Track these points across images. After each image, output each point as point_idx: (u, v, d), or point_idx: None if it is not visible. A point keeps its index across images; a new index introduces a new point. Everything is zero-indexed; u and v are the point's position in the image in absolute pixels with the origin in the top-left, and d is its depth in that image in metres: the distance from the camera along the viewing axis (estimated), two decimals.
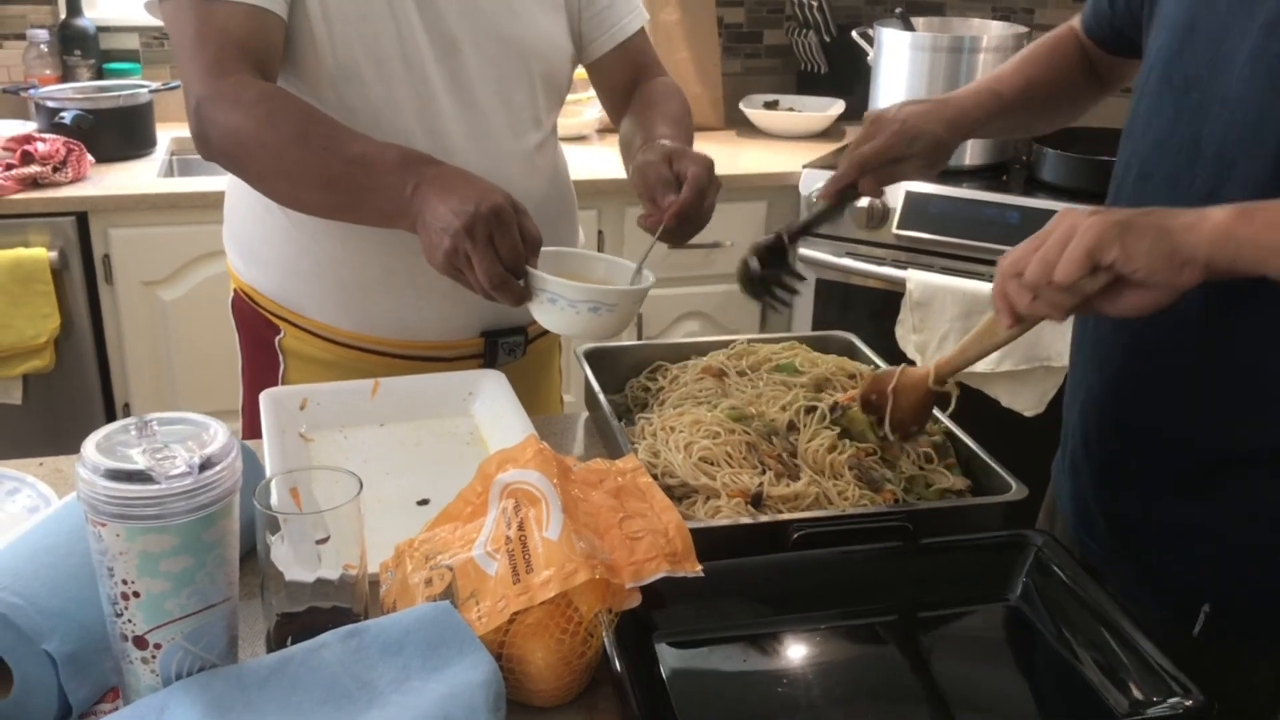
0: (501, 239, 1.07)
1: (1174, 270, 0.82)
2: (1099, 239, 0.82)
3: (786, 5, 3.05)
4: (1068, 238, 0.84)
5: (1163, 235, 0.82)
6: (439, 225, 1.07)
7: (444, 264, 1.08)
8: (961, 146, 2.42)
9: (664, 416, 1.14)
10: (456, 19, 1.29)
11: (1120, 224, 0.82)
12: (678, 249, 1.29)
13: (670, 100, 1.45)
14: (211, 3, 1.18)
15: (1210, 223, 0.82)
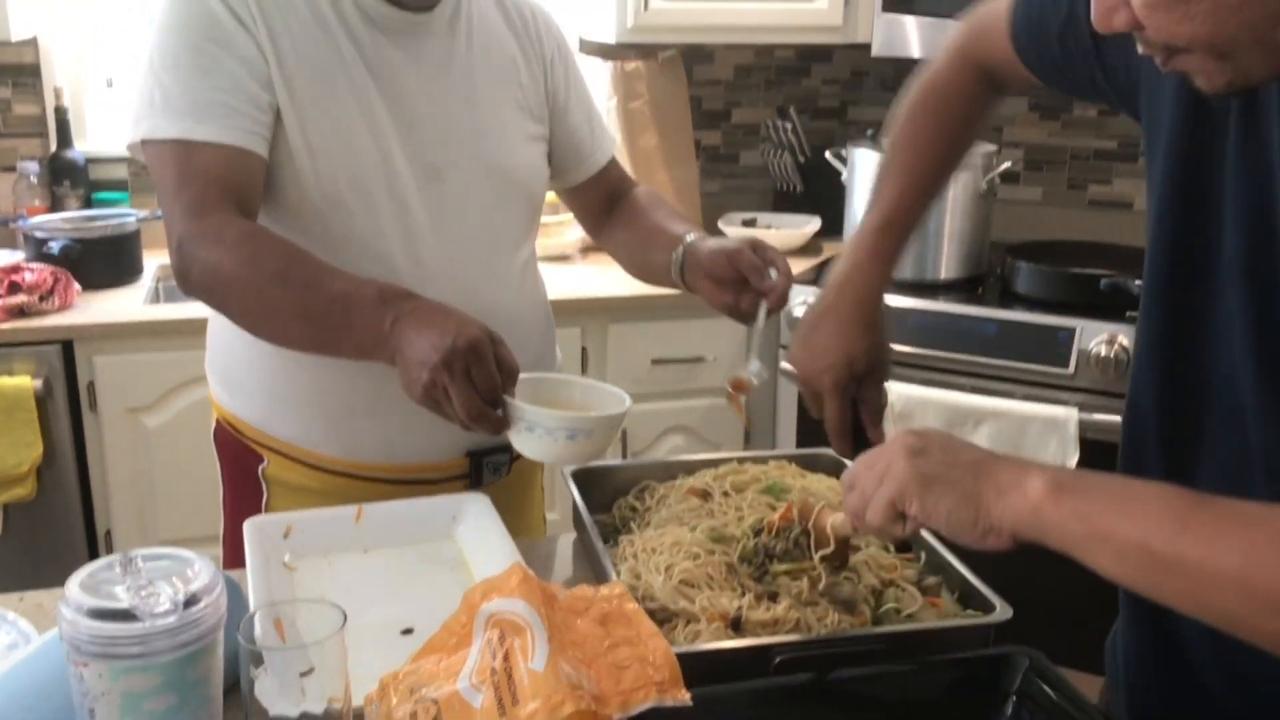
0: (478, 372, 1.08)
1: (977, 536, 0.81)
2: (901, 492, 0.84)
3: (762, 128, 3.14)
4: (881, 477, 0.86)
5: (967, 500, 0.81)
6: (417, 359, 1.08)
7: (422, 397, 1.10)
8: (936, 260, 2.52)
9: (645, 538, 1.14)
10: (437, 148, 1.33)
11: (926, 479, 0.83)
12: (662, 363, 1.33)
13: (665, 204, 1.54)
14: (193, 144, 1.21)
15: (1020, 493, 0.79)
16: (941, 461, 0.84)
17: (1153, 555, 0.73)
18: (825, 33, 2.75)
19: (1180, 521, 0.73)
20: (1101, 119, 2.89)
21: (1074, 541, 0.77)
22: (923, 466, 0.84)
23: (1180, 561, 0.72)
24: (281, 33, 1.26)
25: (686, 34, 2.74)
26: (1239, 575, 0.70)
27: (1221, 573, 0.71)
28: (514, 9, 1.44)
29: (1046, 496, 0.78)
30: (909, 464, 0.84)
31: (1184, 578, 0.73)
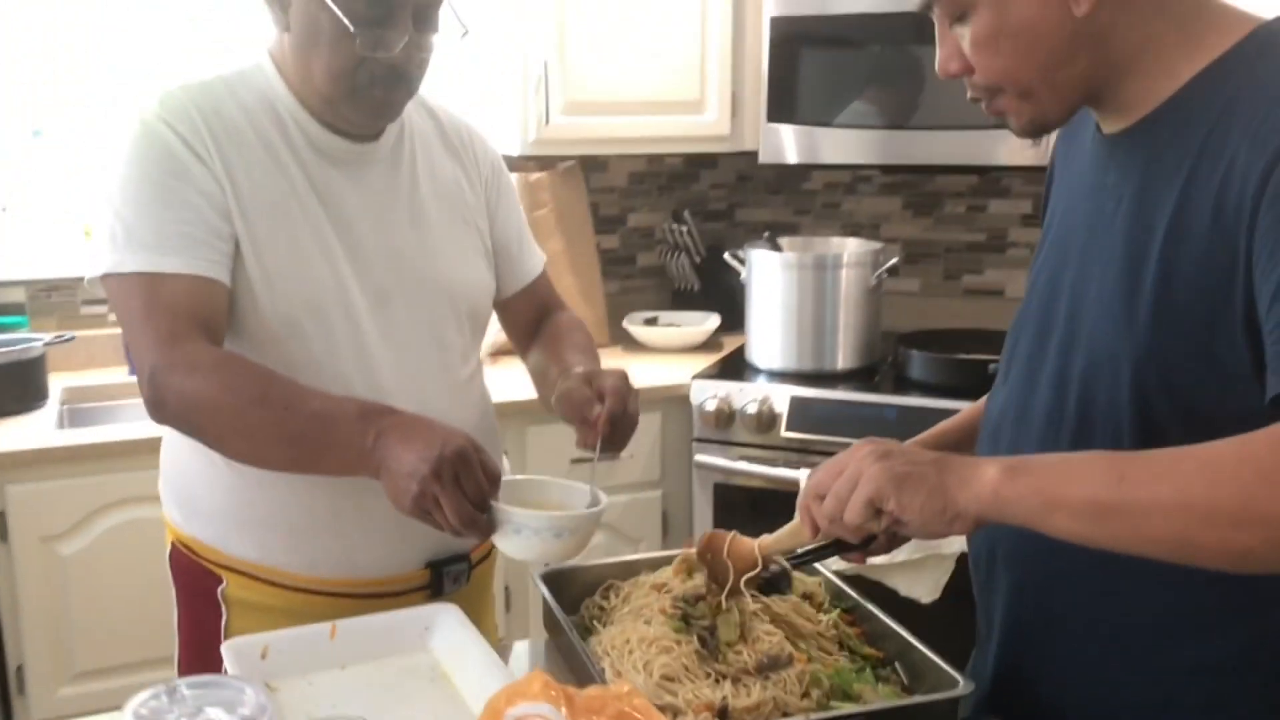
0: (467, 479, 1.14)
1: (945, 523, 0.92)
2: (878, 490, 0.93)
3: (658, 231, 3.28)
4: (855, 481, 0.95)
5: (936, 492, 0.92)
6: (405, 471, 1.13)
7: (413, 508, 1.14)
8: (833, 351, 2.67)
9: (611, 635, 1.20)
10: (386, 270, 1.39)
11: (898, 477, 0.93)
12: (612, 459, 1.38)
13: (575, 332, 1.58)
14: (157, 277, 1.25)
15: (980, 481, 0.90)
16: (907, 461, 0.94)
17: (1102, 506, 0.86)
18: (715, 142, 2.92)
19: (1118, 473, 0.86)
20: (970, 214, 3.11)
21: (1032, 512, 0.89)
22: (894, 467, 0.93)
23: (1126, 505, 0.85)
24: (237, 165, 1.31)
25: (586, 146, 2.87)
26: (1176, 502, 0.83)
27: (1161, 504, 0.84)
28: (452, 131, 1.52)
29: (1002, 479, 0.89)
30: (881, 466, 0.94)
31: (1132, 518, 0.85)
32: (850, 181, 3.24)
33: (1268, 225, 0.87)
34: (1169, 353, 0.96)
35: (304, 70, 1.32)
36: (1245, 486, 0.81)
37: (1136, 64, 1.00)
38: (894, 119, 2.69)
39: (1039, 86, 1.01)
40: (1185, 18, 0.98)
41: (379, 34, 1.26)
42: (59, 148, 2.81)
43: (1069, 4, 0.96)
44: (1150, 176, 1.00)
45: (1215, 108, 0.95)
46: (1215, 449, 0.85)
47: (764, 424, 2.53)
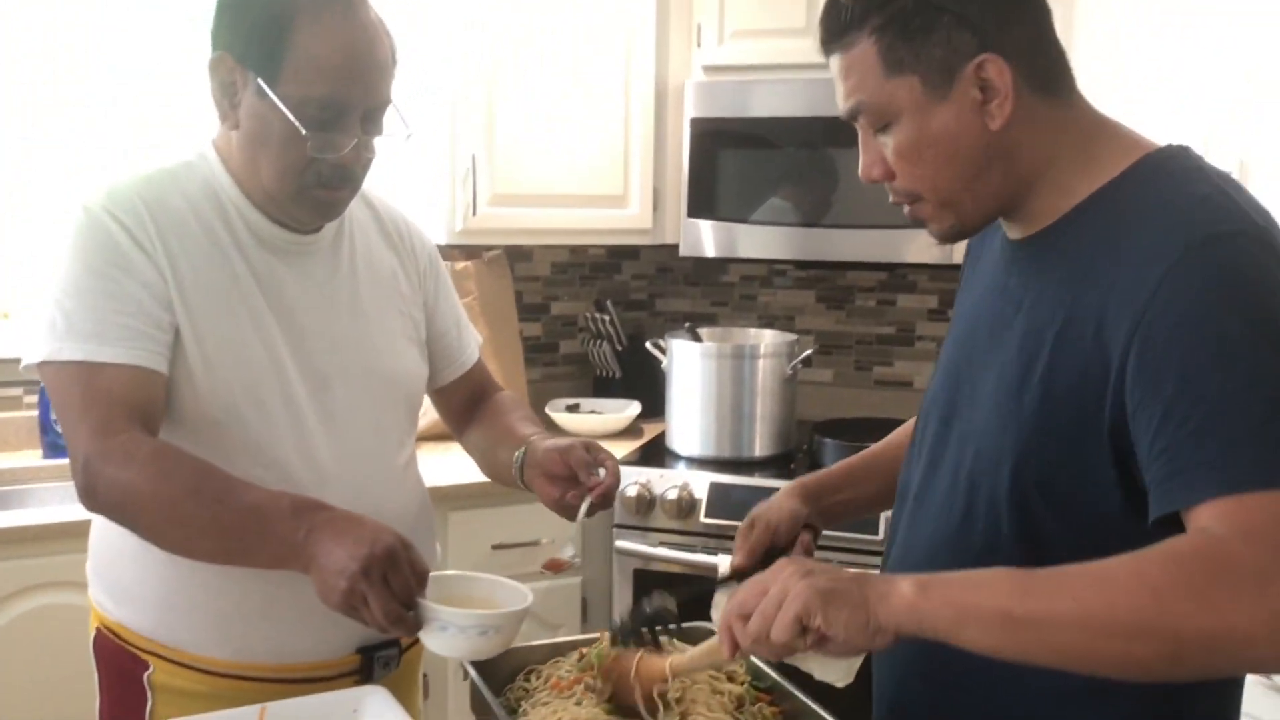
0: (395, 578, 1.16)
1: (868, 637, 0.95)
2: (805, 607, 0.95)
3: (581, 319, 3.36)
4: (781, 599, 0.97)
5: (859, 607, 0.94)
6: (335, 568, 1.15)
7: (341, 604, 1.16)
8: (750, 439, 2.74)
9: (543, 714, 1.23)
10: (325, 358, 1.43)
11: (824, 593, 0.95)
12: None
13: (521, 408, 1.65)
14: (95, 366, 1.27)
15: (897, 595, 0.94)
16: (830, 578, 0.97)
17: (1010, 619, 0.90)
18: (637, 235, 3.02)
19: (1023, 589, 0.91)
20: (880, 307, 3.25)
21: (947, 626, 0.93)
22: (819, 584, 0.96)
23: (1031, 619, 0.90)
24: (180, 255, 1.34)
25: (511, 236, 2.95)
26: (1075, 617, 0.88)
27: (1062, 618, 0.89)
28: (390, 224, 1.58)
29: (918, 594, 0.94)
30: (807, 583, 0.96)
31: (1036, 630, 0.90)
32: (766, 275, 3.37)
33: (1141, 366, 0.95)
34: (1046, 452, 1.04)
35: (251, 166, 1.36)
36: (1138, 603, 0.86)
37: (1041, 179, 1.08)
38: (808, 217, 2.82)
39: (959, 195, 1.09)
40: (1084, 140, 1.08)
41: (329, 137, 1.31)
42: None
43: (984, 120, 1.05)
44: (1044, 286, 1.08)
45: (1103, 230, 1.03)
46: (1111, 565, 0.90)
47: (683, 510, 2.59)
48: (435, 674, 2.56)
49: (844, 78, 1.09)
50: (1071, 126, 1.08)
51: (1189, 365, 0.92)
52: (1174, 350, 0.93)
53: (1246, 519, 0.87)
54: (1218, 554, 0.86)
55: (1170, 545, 0.89)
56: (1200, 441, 0.91)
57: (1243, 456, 0.89)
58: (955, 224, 1.12)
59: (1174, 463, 0.92)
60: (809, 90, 2.72)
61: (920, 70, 1.04)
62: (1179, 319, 0.94)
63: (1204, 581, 0.86)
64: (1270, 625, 0.83)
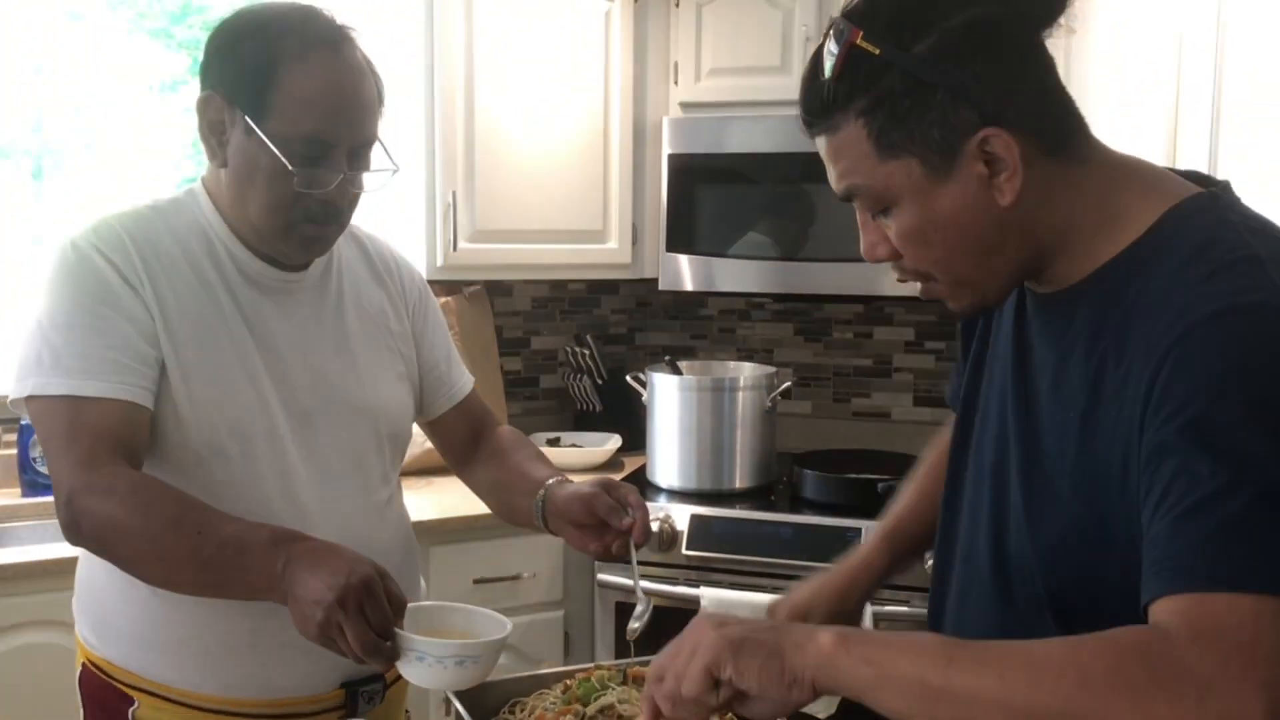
0: (371, 608, 1.16)
1: (783, 688, 0.89)
2: (715, 658, 0.90)
3: (561, 354, 3.37)
4: (692, 652, 0.92)
5: (773, 656, 0.89)
6: (312, 599, 1.15)
7: (317, 635, 1.16)
8: (731, 471, 2.76)
9: None
10: (309, 394, 1.44)
11: (735, 643, 0.90)
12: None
13: (528, 446, 1.66)
14: (81, 401, 1.28)
15: (815, 646, 0.89)
16: (744, 628, 0.92)
17: (928, 688, 0.85)
18: (617, 269, 3.05)
19: (947, 657, 0.85)
20: (857, 340, 3.29)
21: (863, 684, 0.87)
22: (730, 634, 0.91)
23: (950, 691, 0.84)
24: (166, 292, 1.35)
25: (492, 271, 2.97)
26: (996, 697, 0.83)
27: (983, 697, 0.83)
28: (379, 260, 1.59)
29: (838, 647, 0.88)
30: (717, 634, 0.91)
31: (954, 704, 0.84)
32: (745, 308, 3.40)
33: (1149, 440, 0.89)
34: (1080, 546, 0.98)
35: (239, 203, 1.38)
36: (1064, 692, 0.81)
37: (1062, 246, 1.01)
38: (785, 251, 2.85)
39: (973, 274, 1.01)
40: (1103, 197, 0.99)
41: (315, 173, 1.33)
42: None
43: (993, 195, 0.96)
44: (1068, 354, 1.01)
45: (1126, 297, 0.96)
46: (1045, 648, 0.85)
47: (665, 542, 2.60)
48: (418, 710, 2.55)
49: (833, 160, 1.02)
50: (1088, 184, 0.99)
51: (1182, 449, 0.85)
52: (1169, 433, 0.86)
53: (1201, 619, 0.81)
54: (1163, 652, 0.80)
55: (1114, 634, 0.83)
56: (1176, 532, 0.84)
57: (1212, 552, 0.82)
58: (975, 302, 1.05)
59: (1153, 551, 0.86)
60: (785, 126, 2.75)
61: (918, 152, 0.96)
62: (1180, 400, 0.86)
63: (1143, 680, 0.79)
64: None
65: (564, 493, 1.47)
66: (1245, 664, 0.78)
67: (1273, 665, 0.78)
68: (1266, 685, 0.78)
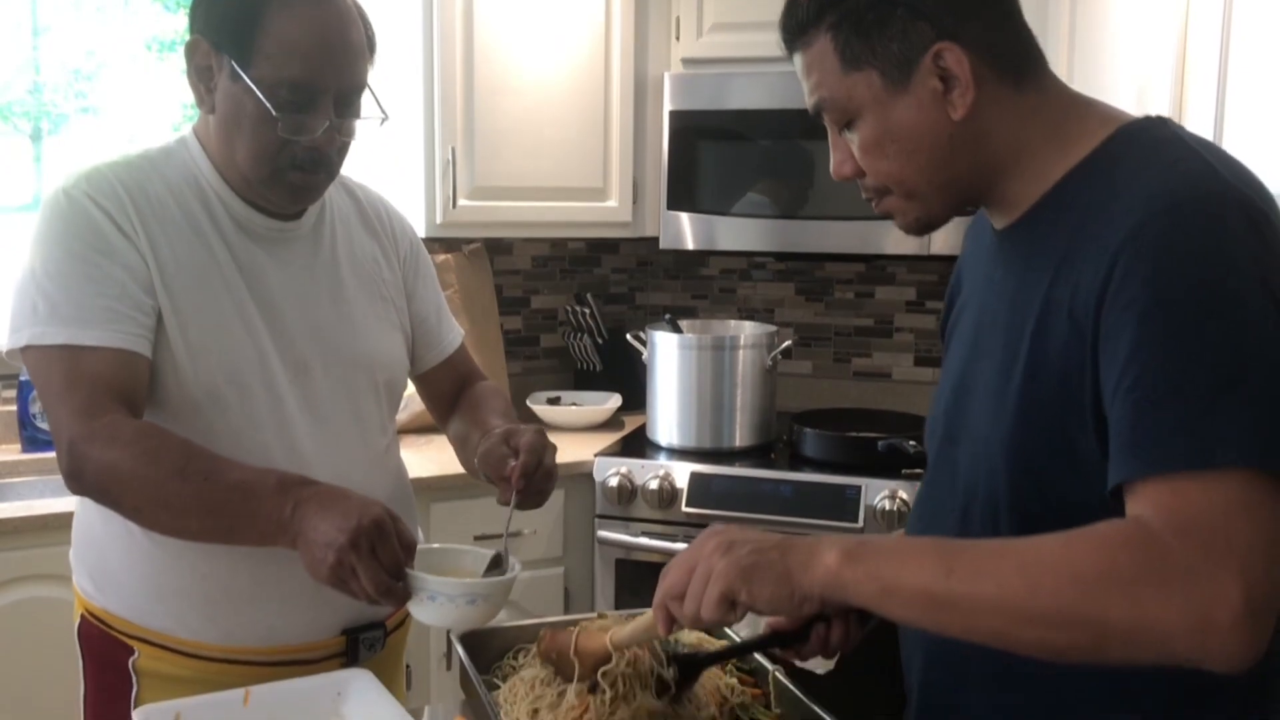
0: (383, 549, 1.17)
1: (794, 606, 0.96)
2: (729, 585, 0.96)
3: (560, 313, 3.36)
4: (706, 577, 0.98)
5: (782, 579, 0.95)
6: (323, 541, 1.16)
7: (329, 577, 1.17)
8: (731, 430, 2.76)
9: (512, 683, 1.24)
10: (306, 343, 1.43)
11: (746, 570, 0.96)
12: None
13: (495, 398, 1.65)
14: (79, 349, 1.27)
15: (821, 566, 0.94)
16: (753, 550, 0.97)
17: (931, 598, 0.91)
18: (617, 228, 3.03)
19: (947, 568, 0.91)
20: (858, 300, 3.28)
21: (869, 598, 0.93)
22: (741, 560, 0.96)
23: (952, 599, 0.90)
24: (161, 240, 1.35)
25: (491, 229, 2.95)
26: (996, 602, 0.88)
27: (983, 601, 0.89)
28: (371, 210, 1.58)
29: (842, 565, 0.94)
30: (729, 561, 0.96)
31: (957, 611, 0.90)
32: (745, 268, 3.38)
33: (1108, 329, 0.93)
34: (1034, 443, 1.02)
35: (227, 150, 1.37)
36: (1061, 591, 0.86)
37: (1013, 165, 1.06)
38: (786, 209, 2.84)
39: (923, 187, 1.08)
40: (1055, 122, 1.05)
41: (301, 119, 1.32)
42: None
43: (946, 110, 1.03)
44: (1024, 273, 1.06)
45: (1079, 210, 1.01)
46: (1038, 548, 0.90)
47: (664, 500, 2.61)
48: (418, 665, 2.57)
49: (806, 75, 1.09)
50: (1043, 110, 1.06)
51: (1141, 335, 0.90)
52: (1129, 319, 0.91)
53: (1178, 508, 0.86)
54: (1147, 546, 0.86)
55: (1102, 532, 0.88)
56: (1141, 416, 0.90)
57: (1180, 434, 0.87)
58: (921, 216, 1.11)
59: (1120, 436, 0.91)
60: (787, 83, 2.73)
61: (878, 64, 1.04)
62: (1137, 289, 0.91)
63: (1131, 574, 0.85)
64: (1191, 623, 0.84)
65: (485, 441, 1.44)
66: (1223, 551, 0.84)
67: (1247, 548, 0.84)
68: (1243, 569, 0.83)
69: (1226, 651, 0.84)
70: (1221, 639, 0.83)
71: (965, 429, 1.13)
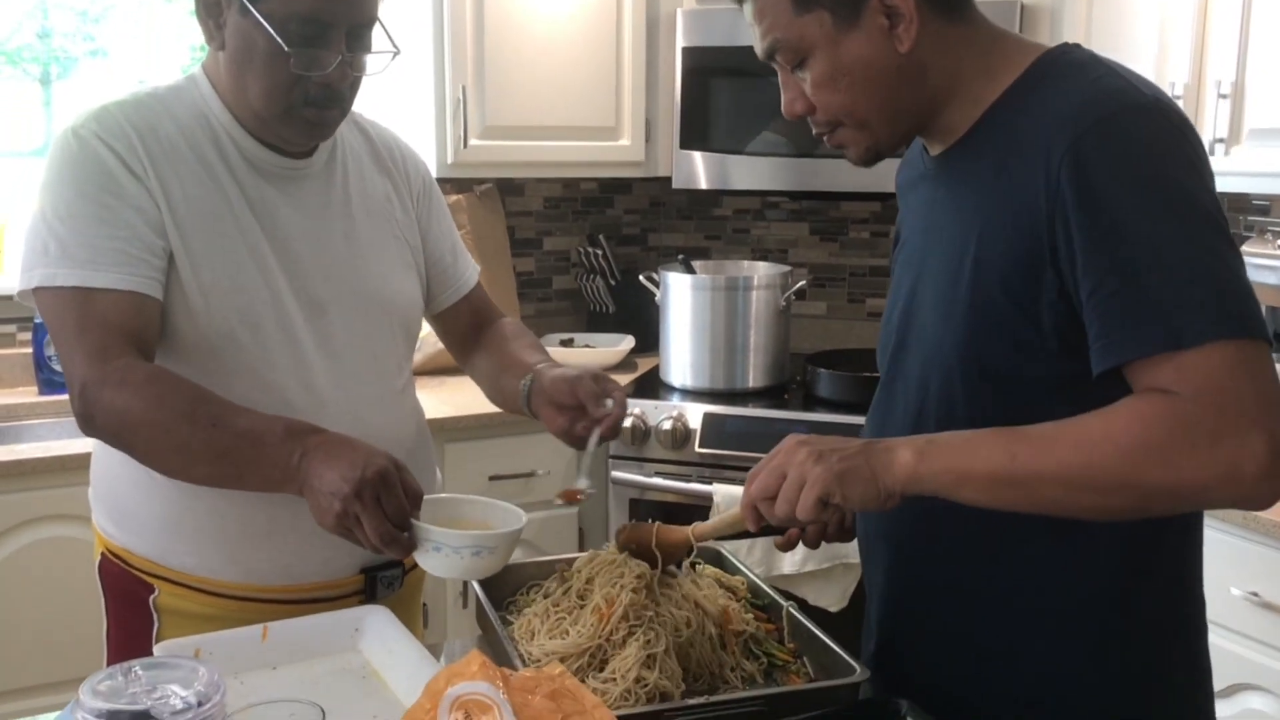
0: (388, 499, 1.17)
1: (880, 503, 1.07)
2: (825, 489, 1.06)
3: (573, 254, 3.35)
4: (801, 482, 1.07)
5: (870, 481, 1.06)
6: (328, 490, 1.16)
7: (334, 525, 1.17)
8: (745, 371, 2.76)
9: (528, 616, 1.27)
10: (321, 283, 1.43)
11: (839, 475, 1.06)
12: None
13: (526, 335, 1.65)
14: (90, 292, 1.27)
15: (899, 464, 1.06)
16: (842, 457, 1.07)
17: (999, 480, 1.04)
18: (629, 167, 3.00)
19: (1010, 453, 1.03)
20: (874, 239, 3.25)
21: (944, 488, 1.06)
22: (834, 466, 1.07)
23: (1018, 478, 1.03)
24: (171, 181, 1.34)
25: (503, 169, 2.93)
26: (1056, 475, 1.02)
27: (1045, 476, 1.02)
28: (383, 148, 1.57)
29: (919, 461, 1.06)
30: (823, 467, 1.06)
31: (1023, 488, 1.04)
32: (759, 208, 3.36)
33: (1067, 231, 1.03)
34: (983, 337, 1.12)
35: (238, 88, 1.35)
36: (1109, 462, 1.00)
37: (950, 93, 1.15)
38: (801, 147, 2.80)
39: (874, 117, 1.16)
40: (985, 52, 1.15)
41: (313, 54, 1.30)
42: None
43: (893, 44, 1.11)
44: (966, 191, 1.16)
45: (1009, 128, 1.11)
46: (1086, 426, 1.02)
47: (678, 440, 2.61)
48: (435, 605, 2.60)
49: (758, 20, 1.16)
50: (974, 42, 1.15)
51: (1110, 230, 1.01)
52: (1098, 218, 1.01)
53: (1194, 377, 0.98)
54: (1176, 414, 0.98)
55: (1135, 406, 1.01)
56: (1130, 302, 1.00)
57: (1174, 314, 0.99)
58: (872, 145, 1.18)
59: (1109, 321, 1.02)
60: None
61: (828, 5, 1.11)
62: (1098, 191, 1.01)
63: (1164, 440, 0.98)
64: (1221, 475, 0.97)
65: (552, 374, 1.46)
66: (1240, 409, 0.97)
67: (1263, 404, 0.97)
68: (1261, 422, 0.97)
69: (1259, 495, 0.98)
70: (1254, 486, 0.97)
71: (917, 336, 1.22)
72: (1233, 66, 2.20)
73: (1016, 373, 1.11)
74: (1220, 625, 2.03)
